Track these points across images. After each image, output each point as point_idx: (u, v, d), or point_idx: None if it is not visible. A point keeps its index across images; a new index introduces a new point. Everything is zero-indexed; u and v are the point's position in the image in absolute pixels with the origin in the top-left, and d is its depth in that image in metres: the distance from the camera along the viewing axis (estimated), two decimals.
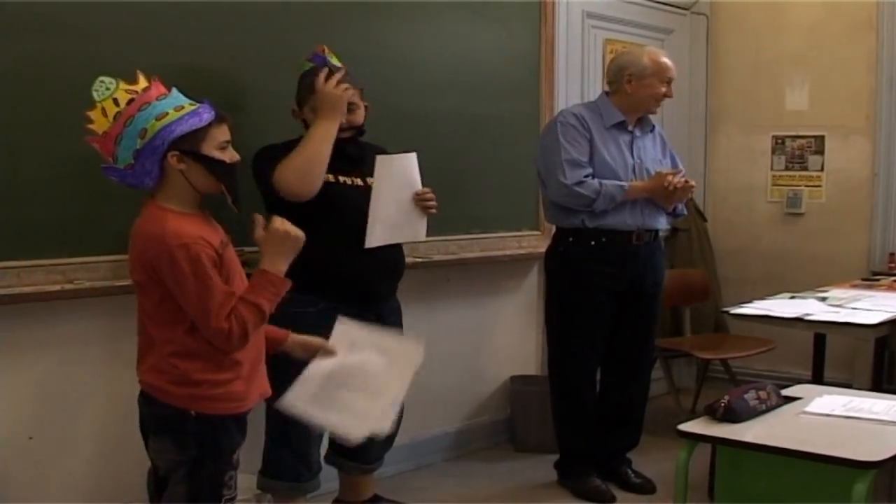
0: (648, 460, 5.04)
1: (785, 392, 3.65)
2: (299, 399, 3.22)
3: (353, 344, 3.40)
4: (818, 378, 5.05)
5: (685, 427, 3.35)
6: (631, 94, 4.74)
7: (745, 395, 3.42)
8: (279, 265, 3.02)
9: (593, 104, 4.88)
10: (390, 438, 4.24)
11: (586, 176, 4.62)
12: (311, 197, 3.85)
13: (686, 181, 4.71)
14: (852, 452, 3.00)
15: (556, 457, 5.03)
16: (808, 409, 3.49)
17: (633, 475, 4.97)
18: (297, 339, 3.32)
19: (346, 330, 3.40)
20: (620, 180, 4.68)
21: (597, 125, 4.73)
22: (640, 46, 5.38)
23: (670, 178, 4.65)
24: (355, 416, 3.34)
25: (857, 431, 3.26)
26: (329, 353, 3.33)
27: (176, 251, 2.83)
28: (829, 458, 3.02)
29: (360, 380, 3.36)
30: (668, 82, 4.76)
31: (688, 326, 6.22)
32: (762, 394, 3.47)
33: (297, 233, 3.05)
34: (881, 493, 4.11)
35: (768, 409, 3.44)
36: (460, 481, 5.08)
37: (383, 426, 3.45)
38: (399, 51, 4.83)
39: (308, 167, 3.86)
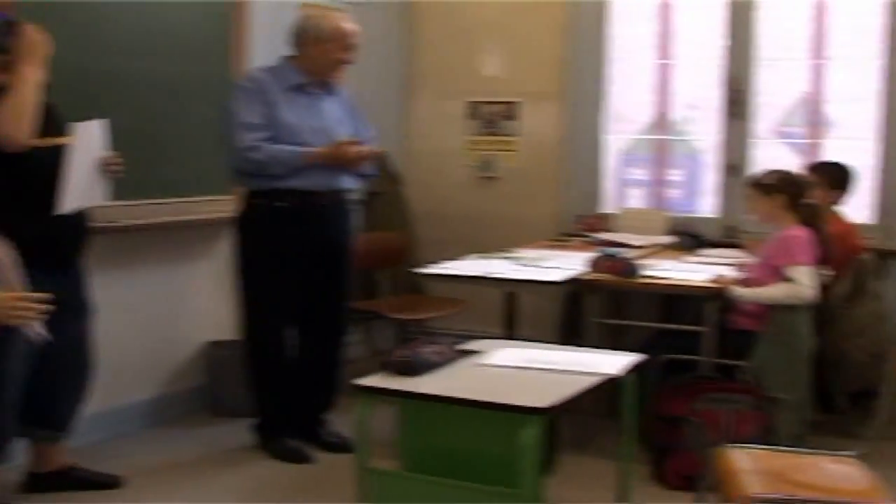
0: (347, 420, 5.28)
1: (464, 347, 3.88)
2: None
3: None
4: (510, 335, 5.51)
5: (363, 381, 3.50)
6: (311, 57, 5.03)
7: (422, 350, 3.61)
8: None
9: (275, 67, 5.12)
10: (76, 403, 4.48)
11: (261, 141, 4.87)
12: (23, 146, 3.98)
13: (362, 151, 5.04)
14: (522, 399, 3.24)
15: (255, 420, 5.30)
16: (486, 361, 3.73)
17: (331, 435, 5.29)
18: None
19: None
20: (302, 143, 4.94)
21: (277, 88, 4.98)
22: (331, 10, 5.58)
23: (346, 147, 4.98)
24: None
25: (531, 381, 3.51)
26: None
27: None
28: (501, 405, 3.24)
29: None
30: (348, 48, 5.05)
31: (384, 289, 6.58)
32: (439, 348, 3.68)
33: None
34: None
35: (446, 363, 3.63)
36: (159, 448, 5.27)
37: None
38: (84, 10, 4.92)
39: (23, 111, 3.99)
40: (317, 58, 5.02)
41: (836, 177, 5.71)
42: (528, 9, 7.08)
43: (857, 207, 6.19)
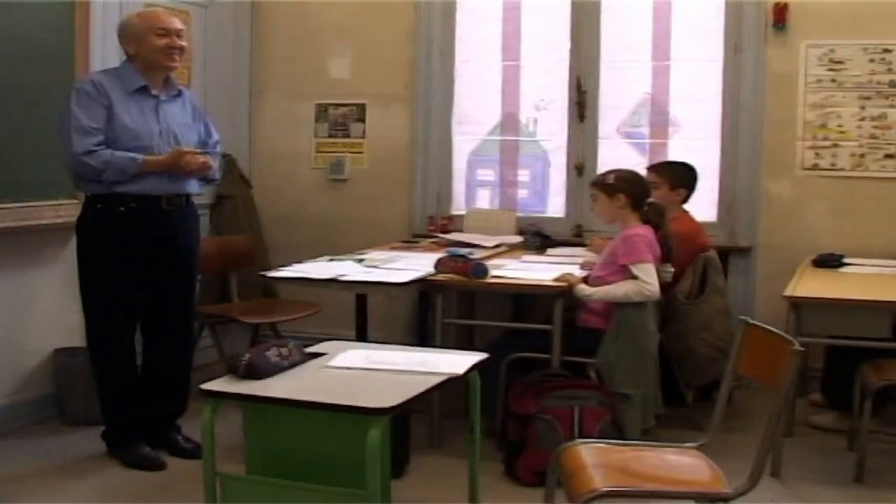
0: (198, 426, 5.24)
1: (310, 349, 3.87)
2: None
3: None
4: (362, 337, 5.53)
5: (208, 386, 3.46)
6: (137, 55, 4.98)
7: (267, 353, 3.57)
8: None
9: (116, 70, 5.07)
10: None
11: (98, 145, 4.79)
12: None
13: (203, 161, 5.00)
14: (367, 401, 3.24)
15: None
16: (332, 363, 3.72)
17: (182, 441, 5.23)
18: None
19: None
20: (145, 147, 4.88)
21: (118, 91, 4.90)
22: (151, 6, 5.54)
23: (188, 156, 4.93)
24: None
25: (375, 382, 3.52)
26: None
27: None
28: (346, 407, 3.24)
29: None
30: (167, 33, 4.95)
31: (234, 292, 6.54)
32: (284, 350, 3.63)
33: None
34: None
35: (292, 365, 3.61)
36: (6, 460, 5.13)
37: None
38: None
39: None
40: (141, 52, 4.96)
41: (678, 176, 5.84)
42: (376, 10, 7.12)
43: (701, 206, 6.34)
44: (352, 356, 3.80)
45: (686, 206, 5.91)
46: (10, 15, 5.29)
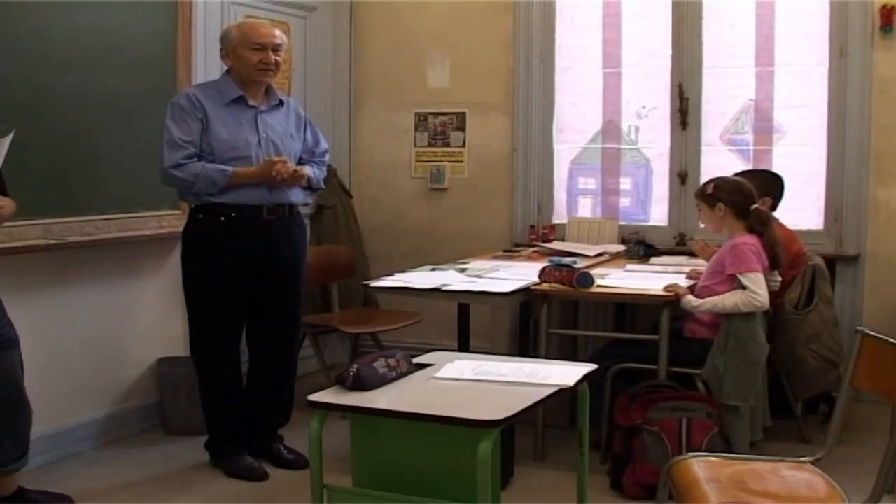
0: (301, 436, 5.20)
1: (417, 360, 3.82)
2: None
3: None
4: (464, 347, 5.49)
5: (315, 397, 3.43)
6: (234, 67, 5.01)
7: (374, 364, 3.53)
8: None
9: (214, 82, 5.13)
10: (22, 439, 4.37)
11: (188, 158, 4.84)
12: None
13: (295, 170, 4.99)
14: (477, 413, 3.18)
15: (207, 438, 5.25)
16: (439, 374, 3.67)
17: (285, 451, 5.24)
18: None
19: None
20: (243, 156, 4.92)
21: (214, 103, 4.95)
22: (252, 18, 5.55)
23: (279, 166, 4.91)
24: None
25: (483, 393, 3.46)
26: None
27: None
28: (456, 419, 3.18)
29: None
30: (263, 48, 4.96)
31: (336, 302, 6.54)
32: (391, 361, 3.59)
33: None
34: None
35: (399, 377, 3.58)
36: (110, 468, 5.18)
37: None
38: (20, 22, 4.86)
39: None
40: (238, 66, 5.00)
41: (762, 184, 5.69)
42: (475, 18, 7.10)
43: (808, 214, 6.21)
44: (459, 367, 3.75)
45: (780, 215, 5.77)
46: (114, 25, 5.34)
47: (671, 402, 4.76)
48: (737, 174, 5.77)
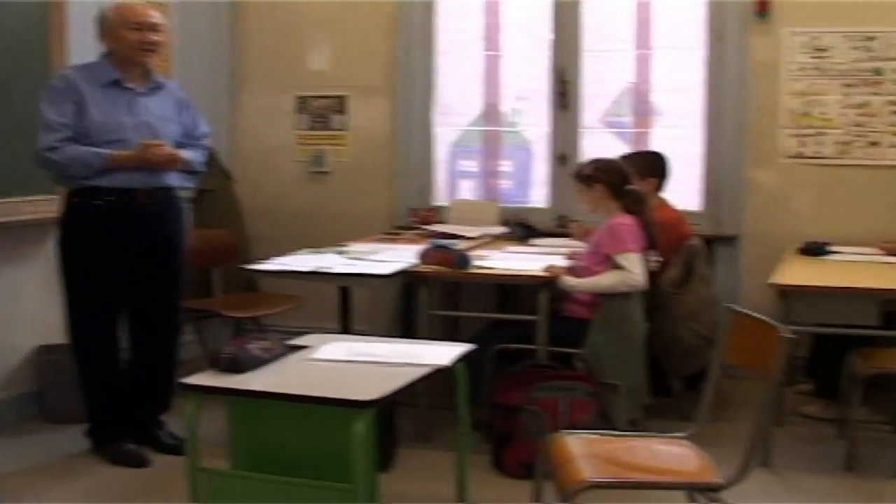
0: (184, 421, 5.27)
1: (293, 342, 3.86)
2: None
3: None
4: (346, 330, 5.50)
5: (189, 380, 3.45)
6: (113, 49, 4.96)
7: (248, 346, 3.55)
8: None
9: (92, 64, 5.03)
10: None
11: (63, 141, 4.76)
12: None
13: (172, 154, 4.94)
14: (350, 393, 3.23)
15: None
16: (314, 355, 3.71)
17: (167, 437, 5.19)
18: None
19: None
20: (118, 139, 4.84)
21: (90, 85, 4.87)
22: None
23: (155, 149, 4.86)
24: None
25: (358, 374, 3.52)
26: None
27: None
28: (330, 399, 3.25)
29: None
30: (141, 28, 4.90)
31: (218, 287, 6.49)
32: (266, 343, 3.63)
33: None
34: None
35: (274, 358, 3.60)
36: None
37: None
38: None
39: None
40: (116, 47, 4.93)
41: (647, 165, 5.80)
42: (357, 2, 7.08)
43: (686, 195, 6.33)
44: (335, 348, 3.77)
45: (666, 195, 5.88)
46: None
47: (551, 382, 4.82)
48: (623, 155, 5.86)
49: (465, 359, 3.76)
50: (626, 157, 5.84)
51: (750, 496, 4.35)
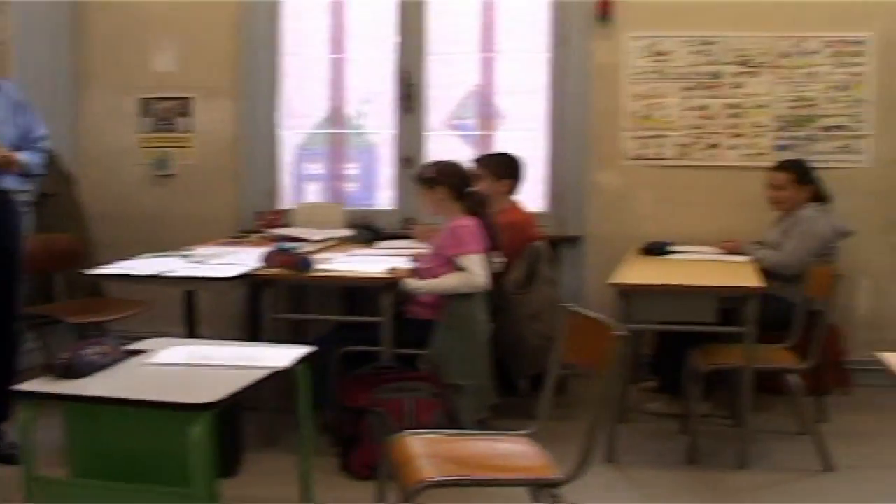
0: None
1: (133, 346, 3.78)
2: None
3: None
4: (192, 335, 5.46)
5: (23, 387, 3.37)
6: None
7: (85, 351, 3.47)
8: None
9: None
10: None
11: None
12: None
13: (6, 156, 4.87)
14: (188, 397, 3.19)
15: None
16: (154, 360, 3.65)
17: (6, 447, 5.05)
18: None
19: None
20: None
21: None
22: None
23: None
24: None
25: (197, 377, 3.47)
26: None
27: None
28: (167, 403, 3.19)
29: None
30: None
31: (61, 292, 6.37)
32: (104, 348, 3.55)
33: None
34: None
35: (111, 363, 3.53)
36: None
37: None
38: None
39: None
40: None
41: (501, 167, 5.89)
42: (201, 2, 7.03)
43: (531, 196, 6.43)
44: (175, 353, 3.73)
45: (516, 197, 5.96)
46: None
47: (396, 383, 4.85)
48: (477, 158, 5.93)
49: (307, 361, 3.76)
50: (480, 160, 5.92)
51: (594, 492, 4.47)
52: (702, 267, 5.66)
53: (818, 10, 6.43)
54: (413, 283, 5.07)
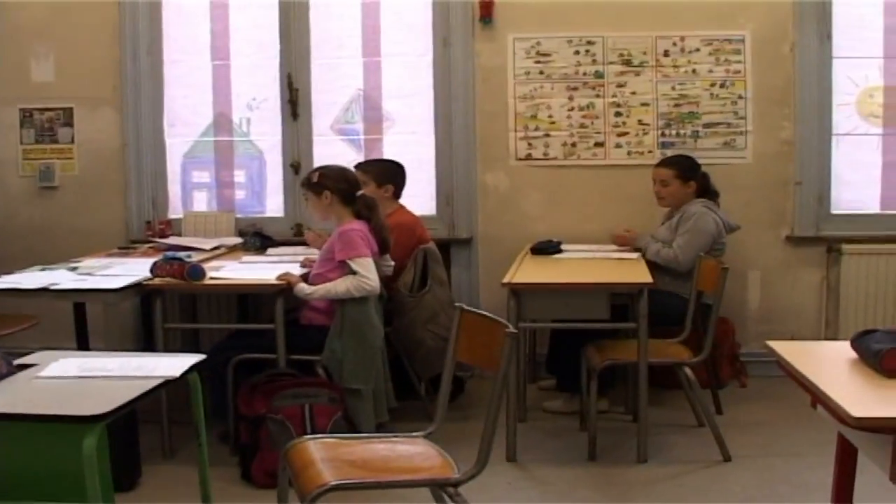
0: None
1: (20, 361, 3.71)
2: None
3: None
4: (84, 348, 5.39)
5: None
6: None
7: None
8: None
9: None
10: None
11: None
12: None
13: None
14: (79, 409, 3.12)
15: None
16: (42, 373, 3.57)
17: None
18: None
19: None
20: None
21: None
22: None
23: None
24: None
25: (87, 389, 3.39)
26: None
27: None
28: (58, 417, 3.13)
29: None
30: None
31: None
32: None
33: None
34: None
35: (0, 378, 3.46)
36: None
37: None
38: None
39: None
40: None
41: (383, 173, 5.93)
42: (79, 9, 6.94)
43: (420, 199, 6.48)
44: (64, 365, 3.67)
45: (403, 202, 6.00)
46: None
47: (293, 390, 4.85)
48: (358, 164, 5.94)
49: (199, 370, 3.74)
50: (362, 165, 5.93)
51: (496, 491, 4.52)
52: (592, 265, 5.75)
53: (697, 10, 6.57)
54: (306, 289, 5.07)
